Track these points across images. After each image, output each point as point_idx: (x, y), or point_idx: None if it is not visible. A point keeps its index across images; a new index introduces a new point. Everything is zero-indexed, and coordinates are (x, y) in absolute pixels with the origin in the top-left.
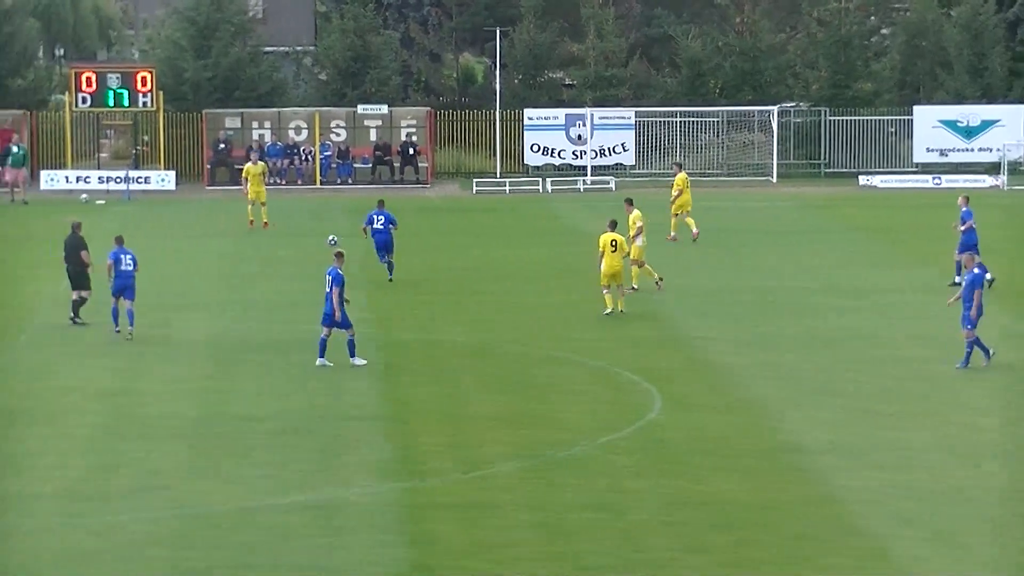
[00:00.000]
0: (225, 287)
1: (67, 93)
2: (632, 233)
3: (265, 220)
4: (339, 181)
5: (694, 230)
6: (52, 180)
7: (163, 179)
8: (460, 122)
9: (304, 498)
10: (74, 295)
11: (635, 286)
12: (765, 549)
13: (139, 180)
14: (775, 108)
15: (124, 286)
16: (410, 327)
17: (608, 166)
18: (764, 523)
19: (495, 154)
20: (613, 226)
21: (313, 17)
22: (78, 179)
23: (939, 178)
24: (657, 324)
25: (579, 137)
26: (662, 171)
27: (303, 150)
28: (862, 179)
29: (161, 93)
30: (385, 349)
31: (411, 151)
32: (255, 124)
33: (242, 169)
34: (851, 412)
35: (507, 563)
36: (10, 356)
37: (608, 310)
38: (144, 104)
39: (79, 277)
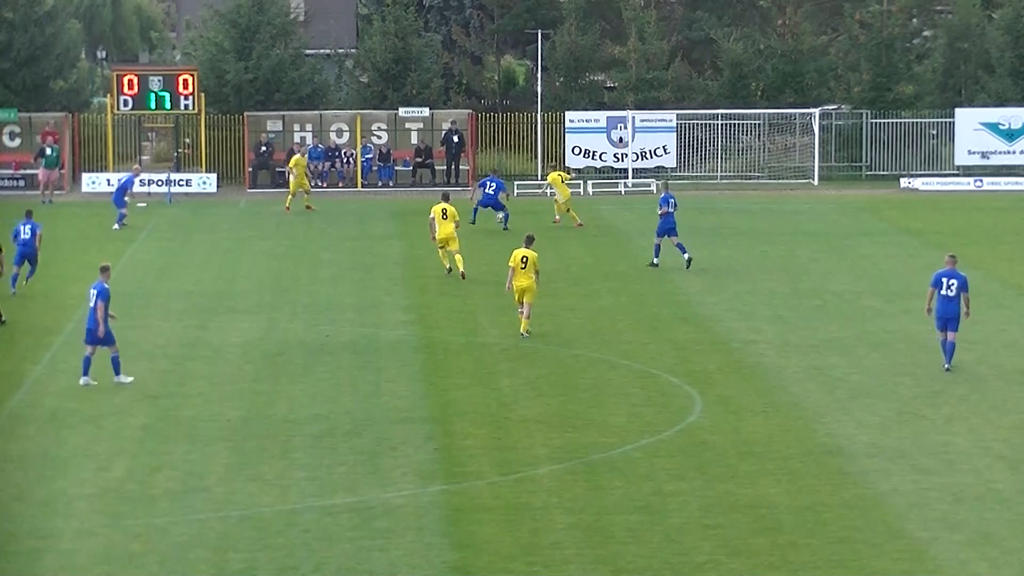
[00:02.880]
0: (268, 290)
1: (109, 95)
2: None
3: (308, 204)
4: (380, 184)
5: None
6: (93, 183)
7: (204, 182)
8: (501, 124)
9: (347, 500)
10: None
11: None
12: (808, 552)
13: (180, 183)
14: (816, 111)
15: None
16: (453, 329)
17: (649, 169)
18: (807, 526)
19: (536, 156)
20: (529, 242)
21: (355, 19)
22: (119, 182)
23: (980, 181)
24: (699, 327)
25: (620, 140)
26: (704, 174)
27: (344, 152)
28: (903, 182)
29: (203, 95)
30: (427, 351)
31: (455, 139)
32: (296, 126)
33: (283, 171)
34: (896, 415)
35: (549, 565)
36: (54, 357)
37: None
38: (186, 106)
39: None
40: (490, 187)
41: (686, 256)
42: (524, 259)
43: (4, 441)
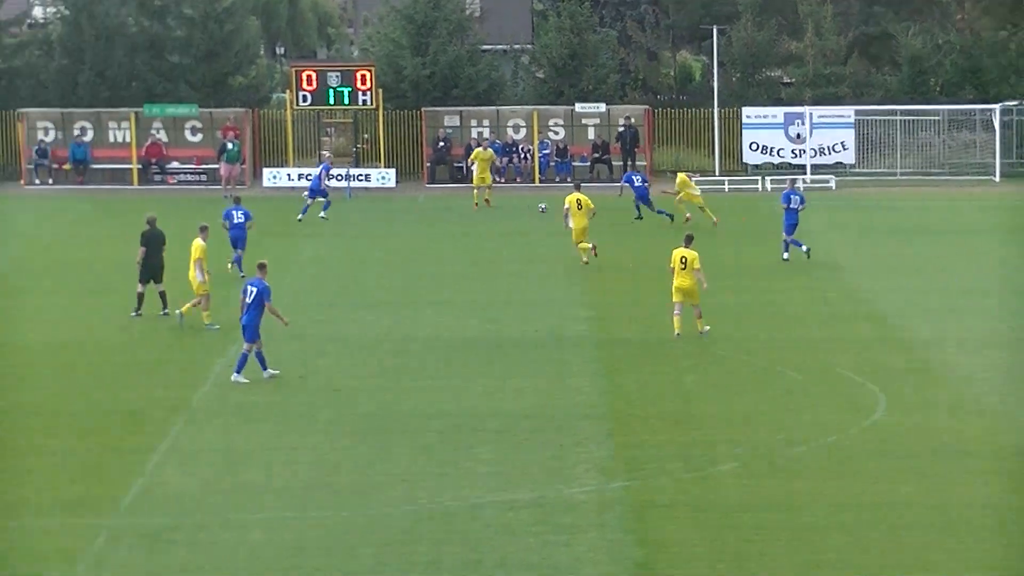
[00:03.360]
0: (448, 285)
1: (288, 91)
2: None
3: (487, 198)
4: (558, 179)
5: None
6: (274, 177)
7: (384, 177)
8: (678, 120)
9: (530, 495)
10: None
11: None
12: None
13: (359, 178)
14: (997, 107)
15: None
16: (633, 325)
17: (828, 165)
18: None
19: (713, 153)
20: (688, 241)
21: (530, 15)
22: (300, 176)
23: None
24: (879, 324)
25: (798, 136)
26: (883, 170)
27: (522, 148)
28: None
29: (380, 91)
30: (608, 347)
31: (630, 135)
32: (474, 122)
33: (461, 166)
34: None
35: (734, 563)
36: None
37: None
38: (364, 102)
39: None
40: (638, 181)
41: (804, 249)
42: (684, 259)
43: (194, 434)
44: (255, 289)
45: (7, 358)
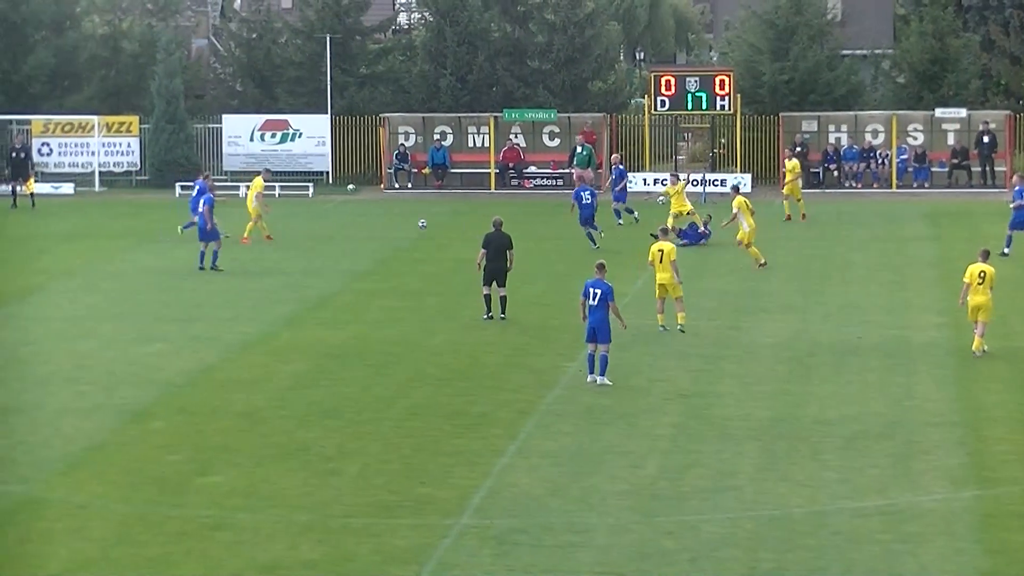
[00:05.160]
0: (798, 291)
1: (645, 96)
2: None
3: (798, 212)
4: (915, 185)
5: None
6: (631, 182)
7: (739, 182)
8: None
9: (877, 503)
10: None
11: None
12: None
13: (715, 183)
14: None
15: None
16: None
17: None
18: None
19: None
20: (985, 256)
21: (891, 20)
22: (655, 181)
23: None
24: None
25: None
26: None
27: (879, 153)
28: None
29: (739, 96)
30: (959, 354)
31: (986, 140)
32: (831, 127)
33: (817, 171)
34: None
35: None
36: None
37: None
38: (722, 107)
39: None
40: (586, 197)
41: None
42: (982, 274)
43: (541, 437)
44: (599, 291)
45: (365, 357)
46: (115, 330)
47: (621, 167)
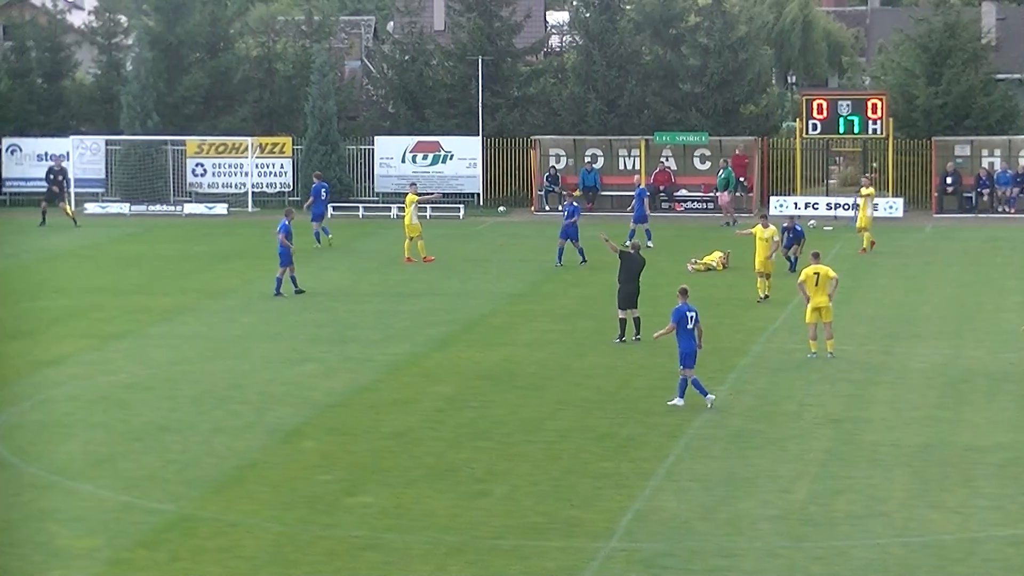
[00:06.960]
0: (952, 316)
1: (797, 119)
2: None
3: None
4: None
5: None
6: (781, 206)
7: (891, 206)
8: None
9: None
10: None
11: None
12: None
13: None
14: None
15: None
16: None
17: None
18: None
19: None
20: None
21: None
22: (807, 205)
23: None
24: None
25: None
26: None
27: None
28: None
29: (891, 120)
30: None
31: None
32: (984, 152)
33: (970, 196)
34: None
35: None
36: (739, 378)
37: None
38: (874, 131)
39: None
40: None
41: None
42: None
43: (690, 460)
44: (694, 315)
45: (515, 379)
46: (269, 350)
47: (575, 204)
